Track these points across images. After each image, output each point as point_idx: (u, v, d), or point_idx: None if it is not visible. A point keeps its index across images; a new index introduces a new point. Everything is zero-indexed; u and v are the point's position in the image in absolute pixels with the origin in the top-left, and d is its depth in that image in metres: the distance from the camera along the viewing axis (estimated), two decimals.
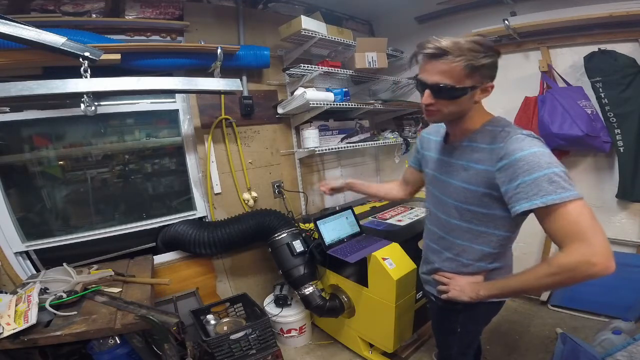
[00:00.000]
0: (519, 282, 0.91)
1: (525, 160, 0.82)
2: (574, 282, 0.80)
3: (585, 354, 1.57)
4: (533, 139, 0.86)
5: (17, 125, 1.74)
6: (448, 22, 2.55)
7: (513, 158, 0.84)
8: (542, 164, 0.80)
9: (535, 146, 0.84)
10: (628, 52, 1.88)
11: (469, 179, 0.96)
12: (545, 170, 0.80)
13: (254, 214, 2.11)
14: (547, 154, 0.83)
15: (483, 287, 0.99)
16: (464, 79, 0.88)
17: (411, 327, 1.83)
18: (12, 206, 1.71)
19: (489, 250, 1.00)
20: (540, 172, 0.80)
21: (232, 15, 2.20)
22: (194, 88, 1.77)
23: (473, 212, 0.98)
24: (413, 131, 2.92)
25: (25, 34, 1.28)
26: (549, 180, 0.79)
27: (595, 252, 0.74)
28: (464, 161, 0.98)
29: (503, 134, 0.90)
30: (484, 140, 0.94)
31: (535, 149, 0.83)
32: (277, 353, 1.79)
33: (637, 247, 2.07)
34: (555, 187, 0.78)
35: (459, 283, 1.05)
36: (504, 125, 0.94)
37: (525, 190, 0.81)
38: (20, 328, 1.10)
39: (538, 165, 0.81)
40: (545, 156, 0.82)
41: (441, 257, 1.11)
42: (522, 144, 0.85)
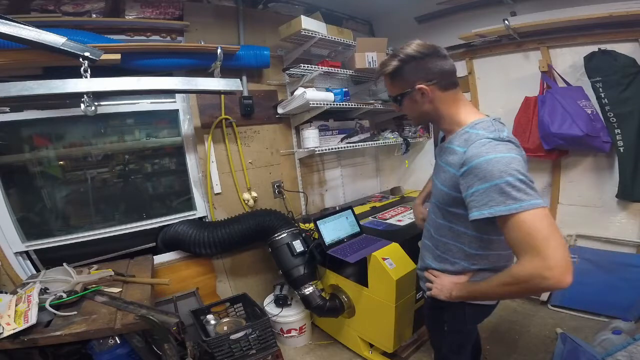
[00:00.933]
0: (482, 288, 0.94)
1: (480, 168, 0.81)
2: (529, 293, 0.80)
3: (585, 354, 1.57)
4: (497, 144, 0.83)
5: (17, 125, 1.74)
6: (448, 22, 2.55)
7: (471, 165, 0.84)
8: (495, 173, 0.78)
9: (494, 152, 0.81)
10: (628, 52, 1.88)
11: (444, 181, 0.98)
12: (496, 180, 0.78)
13: (254, 214, 2.11)
14: (505, 161, 0.79)
15: (456, 288, 1.01)
16: (392, 88, 1.02)
17: (411, 327, 1.83)
18: (12, 206, 1.71)
19: (470, 250, 1.01)
20: (492, 181, 0.79)
21: (232, 15, 2.20)
22: (194, 88, 1.77)
23: (450, 212, 1.00)
24: (413, 131, 2.92)
25: (25, 34, 1.29)
26: (499, 191, 0.78)
27: (549, 266, 0.72)
28: (443, 163, 1.00)
29: (473, 136, 0.89)
30: (459, 143, 0.93)
31: (493, 155, 0.80)
32: (277, 353, 1.79)
33: (637, 247, 2.07)
34: (505, 198, 0.77)
35: (441, 282, 1.07)
36: (481, 127, 0.92)
37: (477, 199, 0.82)
38: (20, 328, 1.10)
39: (490, 174, 0.79)
40: (500, 164, 0.79)
41: (433, 254, 1.13)
42: (482, 150, 0.83)
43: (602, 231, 2.19)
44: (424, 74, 0.95)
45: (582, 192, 2.25)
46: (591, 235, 2.23)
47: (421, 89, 0.95)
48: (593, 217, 2.21)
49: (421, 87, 0.95)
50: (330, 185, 2.91)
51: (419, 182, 3.06)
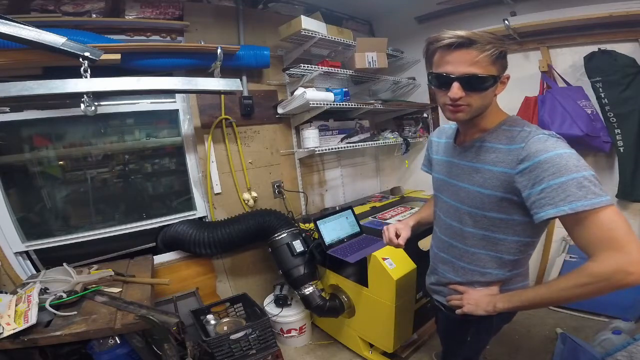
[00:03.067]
0: (545, 293, 0.84)
1: (551, 163, 0.75)
2: (607, 291, 0.76)
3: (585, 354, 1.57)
4: (557, 140, 0.80)
5: (17, 125, 1.74)
6: (448, 22, 2.54)
7: (537, 160, 0.77)
8: (570, 167, 0.74)
9: (560, 147, 0.77)
10: (628, 52, 1.88)
11: (484, 183, 0.89)
12: (573, 173, 0.73)
13: (254, 214, 2.11)
14: (575, 156, 0.76)
15: (500, 300, 0.92)
16: (490, 67, 0.83)
17: (411, 327, 1.83)
18: (12, 206, 1.71)
19: (509, 257, 0.93)
20: (569, 175, 0.73)
21: (232, 15, 2.19)
22: (194, 88, 1.77)
23: (489, 219, 0.91)
24: (413, 131, 2.92)
25: (25, 34, 1.28)
26: (579, 185, 0.72)
27: (632, 261, 0.70)
28: (479, 163, 0.91)
29: (523, 133, 0.84)
30: (500, 140, 0.88)
31: (561, 150, 0.76)
32: (277, 353, 1.79)
33: None
34: (586, 193, 0.71)
35: (473, 297, 0.98)
36: (522, 124, 0.88)
37: (551, 195, 0.75)
38: (20, 328, 1.10)
39: (566, 167, 0.74)
40: (573, 158, 0.75)
41: (453, 266, 1.04)
42: (547, 145, 0.78)
43: None
44: (506, 63, 0.89)
45: None
46: None
47: (506, 78, 0.90)
48: None
49: (507, 76, 0.89)
50: (330, 185, 2.91)
51: (419, 182, 3.07)
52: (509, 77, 0.90)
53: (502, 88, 0.91)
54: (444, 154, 1.08)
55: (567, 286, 0.80)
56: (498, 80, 0.86)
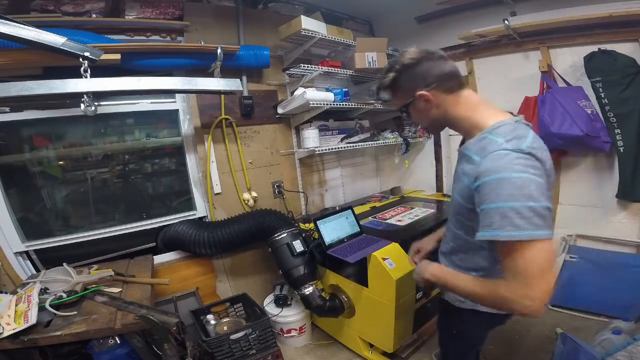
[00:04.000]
0: (457, 281, 0.92)
1: (490, 187, 0.76)
2: (499, 309, 0.85)
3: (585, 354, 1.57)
4: (516, 158, 0.75)
5: (17, 125, 1.74)
6: (448, 22, 2.55)
7: (483, 180, 0.78)
8: (504, 195, 0.73)
9: (509, 170, 0.74)
10: (628, 52, 1.88)
11: (460, 191, 0.91)
12: (502, 202, 0.73)
13: (254, 214, 2.11)
14: (518, 183, 0.73)
15: (429, 271, 1.03)
16: (397, 100, 0.99)
17: (411, 327, 1.83)
18: (12, 206, 1.71)
19: (484, 264, 0.96)
20: (498, 203, 0.74)
21: (232, 15, 2.19)
22: (194, 88, 1.77)
23: (466, 225, 0.95)
24: (413, 131, 2.92)
25: (25, 34, 1.28)
26: (502, 215, 0.73)
27: (534, 298, 0.73)
28: (460, 171, 0.93)
29: (489, 146, 0.81)
30: (477, 150, 0.85)
31: (507, 174, 0.74)
32: (277, 353, 1.79)
33: (637, 247, 2.07)
34: (507, 224, 0.73)
35: (421, 264, 1.10)
36: (501, 133, 0.82)
37: (483, 219, 0.78)
38: (20, 328, 1.10)
39: (498, 195, 0.74)
40: (510, 186, 0.73)
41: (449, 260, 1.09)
42: (497, 165, 0.76)
43: (602, 231, 2.18)
44: (422, 80, 0.91)
45: (582, 192, 2.25)
46: (591, 235, 2.23)
47: (422, 95, 0.91)
48: (593, 217, 2.21)
49: (421, 93, 0.91)
50: (330, 185, 2.91)
51: (419, 182, 3.07)
52: (422, 94, 0.92)
53: (433, 103, 0.92)
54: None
55: (476, 289, 0.86)
56: (407, 107, 0.96)
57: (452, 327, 1.16)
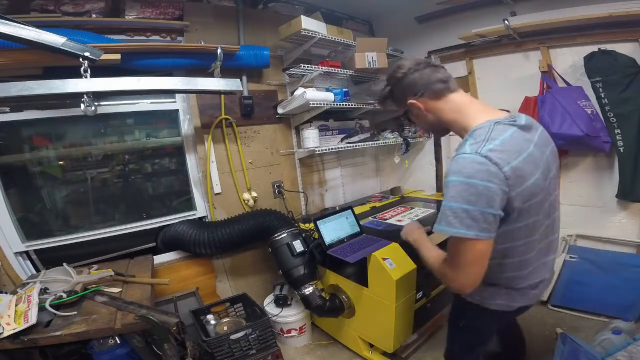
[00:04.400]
0: (424, 252, 1.13)
1: (445, 186, 0.89)
2: (442, 278, 1.03)
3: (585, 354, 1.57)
4: (470, 162, 0.83)
5: (17, 125, 1.74)
6: (448, 22, 2.55)
7: (444, 181, 0.91)
8: (448, 195, 0.86)
9: (459, 173, 0.84)
10: (628, 52, 1.88)
11: None
12: (446, 202, 0.86)
13: (254, 214, 2.11)
14: (460, 187, 0.83)
15: (412, 236, 1.28)
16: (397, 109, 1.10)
17: (411, 327, 1.83)
18: (12, 206, 1.71)
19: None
20: (445, 202, 0.87)
21: (232, 15, 2.20)
22: (194, 88, 1.77)
23: None
24: (413, 131, 2.92)
25: (25, 34, 1.28)
26: (442, 212, 0.88)
27: (455, 280, 0.94)
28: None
29: (458, 149, 0.91)
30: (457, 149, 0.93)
31: (456, 177, 0.85)
32: (277, 353, 1.79)
33: (637, 247, 2.07)
34: (443, 219, 0.87)
35: (407, 225, 1.37)
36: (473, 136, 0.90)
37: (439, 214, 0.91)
38: (20, 328, 1.10)
39: (446, 195, 0.87)
40: (455, 188, 0.84)
41: None
42: (452, 168, 0.87)
43: (602, 231, 2.18)
44: (410, 90, 1.01)
45: (582, 192, 2.25)
46: (591, 235, 2.23)
47: (412, 104, 1.01)
48: (593, 217, 2.21)
49: (411, 102, 1.01)
50: (330, 185, 2.91)
51: (419, 182, 3.07)
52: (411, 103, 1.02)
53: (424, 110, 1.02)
54: None
55: (432, 265, 1.07)
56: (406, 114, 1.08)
57: (461, 319, 1.21)
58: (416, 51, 2.77)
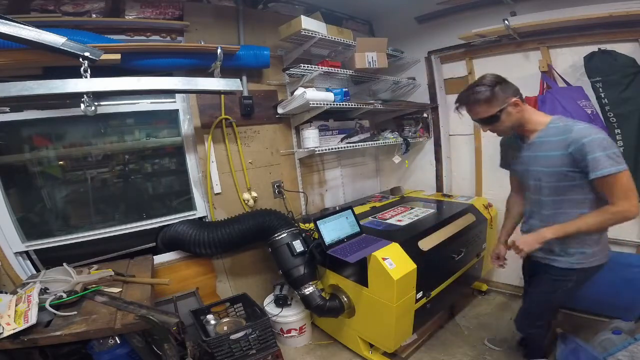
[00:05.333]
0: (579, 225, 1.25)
1: (592, 143, 1.16)
2: (612, 224, 1.25)
3: (585, 354, 1.57)
4: (591, 127, 1.22)
5: (17, 125, 1.74)
6: (448, 22, 2.54)
7: (581, 143, 1.18)
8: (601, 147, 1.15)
9: (594, 134, 1.17)
10: (628, 52, 1.88)
11: (548, 163, 1.29)
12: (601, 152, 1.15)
13: (254, 214, 2.11)
14: (604, 139, 1.17)
15: (548, 231, 1.30)
16: (486, 110, 1.30)
17: (411, 327, 1.83)
18: (12, 206, 1.71)
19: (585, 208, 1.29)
20: (600, 152, 1.15)
21: (232, 15, 2.20)
22: (194, 88, 1.77)
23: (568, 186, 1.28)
24: (413, 131, 2.92)
25: (25, 34, 1.28)
26: (606, 158, 1.15)
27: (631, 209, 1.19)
28: (542, 152, 1.31)
29: (565, 127, 1.25)
30: (551, 135, 1.29)
31: (596, 136, 1.17)
32: (277, 353, 1.79)
33: (637, 247, 2.07)
34: (610, 164, 1.14)
35: (522, 240, 1.34)
36: (564, 121, 1.29)
37: (592, 165, 1.16)
38: (20, 328, 1.10)
39: (598, 147, 1.15)
40: (604, 140, 1.16)
41: (540, 217, 1.43)
42: (586, 132, 1.19)
43: None
44: (511, 92, 1.30)
45: None
46: None
47: (515, 102, 1.28)
48: None
49: (515, 100, 1.28)
50: (330, 185, 2.91)
51: (419, 182, 3.07)
52: (514, 102, 1.29)
53: (516, 109, 1.30)
54: (518, 151, 1.45)
55: (594, 221, 1.24)
56: (501, 112, 1.29)
57: (559, 288, 1.41)
58: (416, 51, 2.77)
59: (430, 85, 2.81)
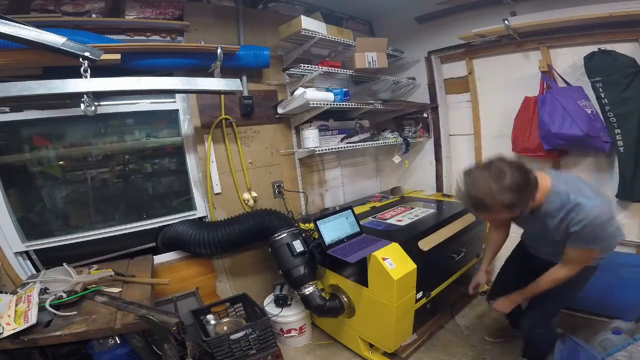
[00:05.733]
0: (535, 288, 1.42)
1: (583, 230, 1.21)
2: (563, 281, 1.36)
3: (585, 354, 1.57)
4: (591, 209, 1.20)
5: (17, 125, 1.74)
6: (448, 22, 2.54)
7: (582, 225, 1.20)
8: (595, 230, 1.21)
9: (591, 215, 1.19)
10: (628, 52, 1.88)
11: (551, 234, 1.33)
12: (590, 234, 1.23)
13: (254, 214, 2.11)
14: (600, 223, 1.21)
15: (518, 296, 1.52)
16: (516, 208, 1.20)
17: (411, 327, 1.83)
18: (12, 206, 1.71)
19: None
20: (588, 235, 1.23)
21: (232, 15, 2.20)
22: (194, 88, 1.77)
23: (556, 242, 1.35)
24: (413, 131, 2.92)
25: (25, 34, 1.28)
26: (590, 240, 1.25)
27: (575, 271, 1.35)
28: (545, 223, 1.32)
29: (567, 206, 1.23)
30: (552, 210, 1.28)
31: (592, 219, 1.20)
32: (277, 353, 1.79)
33: (637, 247, 2.07)
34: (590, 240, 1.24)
35: (500, 304, 1.58)
36: (560, 196, 1.26)
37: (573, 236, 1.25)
38: (20, 328, 1.10)
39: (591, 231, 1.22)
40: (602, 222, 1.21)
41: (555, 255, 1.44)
42: (584, 215, 1.20)
43: None
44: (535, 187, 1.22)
45: None
46: None
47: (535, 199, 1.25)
48: None
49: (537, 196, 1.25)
50: (330, 185, 2.91)
51: (419, 182, 3.07)
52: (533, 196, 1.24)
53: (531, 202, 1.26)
54: (525, 218, 1.43)
55: (560, 277, 1.37)
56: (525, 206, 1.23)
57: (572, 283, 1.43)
58: (416, 51, 2.77)
59: (430, 85, 2.81)
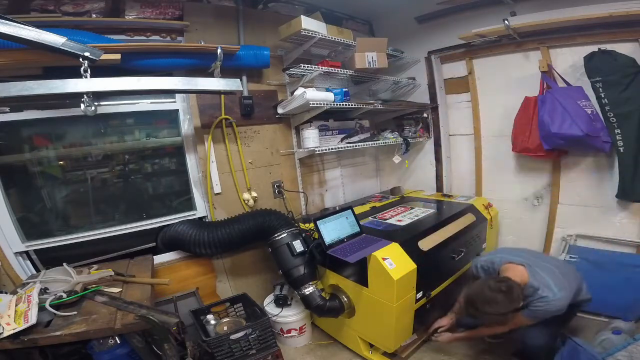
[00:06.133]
0: (469, 335, 1.77)
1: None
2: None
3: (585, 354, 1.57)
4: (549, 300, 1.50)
5: (17, 125, 1.74)
6: (448, 22, 2.55)
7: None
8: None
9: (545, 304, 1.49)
10: (628, 52, 1.88)
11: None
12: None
13: (254, 214, 2.11)
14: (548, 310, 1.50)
15: (456, 336, 1.83)
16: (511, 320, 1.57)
17: (411, 327, 1.83)
18: (12, 206, 1.71)
19: None
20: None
21: (232, 15, 2.20)
22: (194, 88, 1.77)
23: None
24: (413, 131, 2.92)
25: (25, 34, 1.28)
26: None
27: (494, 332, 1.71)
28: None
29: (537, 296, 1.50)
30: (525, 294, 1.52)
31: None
32: (277, 353, 1.79)
33: (637, 247, 2.07)
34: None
35: (445, 337, 1.83)
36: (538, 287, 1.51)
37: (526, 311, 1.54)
38: (20, 328, 1.10)
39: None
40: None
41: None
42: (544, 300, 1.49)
43: (602, 231, 2.18)
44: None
45: (582, 192, 2.25)
46: (591, 235, 2.23)
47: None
48: (593, 217, 2.21)
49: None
50: (330, 185, 2.91)
51: (419, 182, 3.07)
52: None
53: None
54: None
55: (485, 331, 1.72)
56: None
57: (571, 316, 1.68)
58: (416, 51, 2.77)
59: (430, 85, 2.81)
